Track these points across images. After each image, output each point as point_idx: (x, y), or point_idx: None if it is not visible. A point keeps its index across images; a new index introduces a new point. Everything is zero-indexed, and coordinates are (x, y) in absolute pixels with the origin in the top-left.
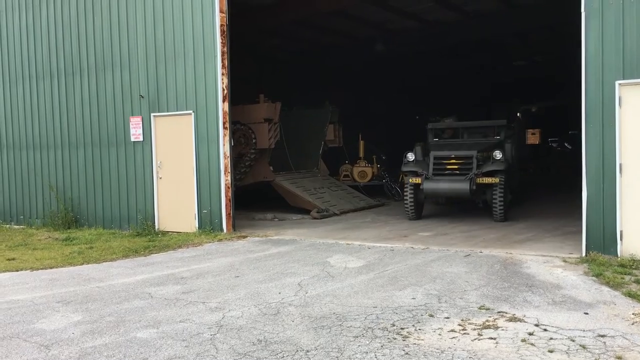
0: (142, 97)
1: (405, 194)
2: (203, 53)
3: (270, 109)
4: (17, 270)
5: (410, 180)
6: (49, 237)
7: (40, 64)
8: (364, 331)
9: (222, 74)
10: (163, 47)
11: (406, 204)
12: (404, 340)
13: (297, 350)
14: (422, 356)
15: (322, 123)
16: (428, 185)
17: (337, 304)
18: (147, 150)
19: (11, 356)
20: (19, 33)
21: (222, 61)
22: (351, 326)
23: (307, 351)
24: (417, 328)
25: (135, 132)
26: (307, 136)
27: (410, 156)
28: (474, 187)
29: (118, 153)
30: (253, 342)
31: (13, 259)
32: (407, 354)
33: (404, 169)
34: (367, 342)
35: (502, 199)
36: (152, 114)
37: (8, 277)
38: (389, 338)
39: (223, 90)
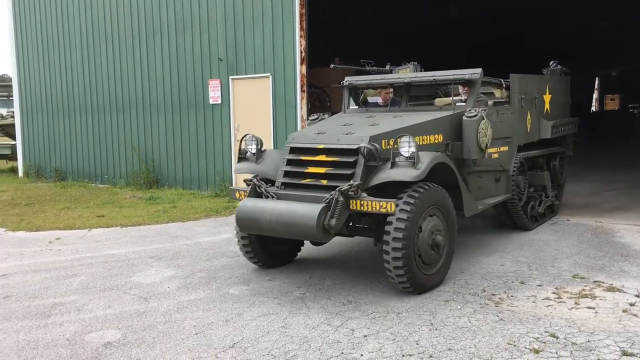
0: (221, 60)
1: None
2: (282, 15)
3: (345, 72)
4: (108, 227)
5: (237, 194)
6: (133, 196)
7: (122, 26)
8: (454, 295)
9: (300, 37)
10: (242, 9)
11: (237, 240)
12: (496, 306)
13: (389, 312)
14: (518, 323)
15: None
16: (242, 209)
17: None
18: (225, 112)
19: (114, 306)
20: None
21: (301, 23)
22: (440, 290)
23: (399, 313)
24: (509, 295)
25: (214, 95)
26: None
27: (251, 144)
28: (334, 220)
29: (197, 115)
30: (343, 303)
31: (102, 215)
32: (501, 319)
33: (238, 171)
34: (459, 307)
35: (403, 249)
36: (230, 77)
37: (101, 233)
38: (480, 304)
39: (301, 52)
